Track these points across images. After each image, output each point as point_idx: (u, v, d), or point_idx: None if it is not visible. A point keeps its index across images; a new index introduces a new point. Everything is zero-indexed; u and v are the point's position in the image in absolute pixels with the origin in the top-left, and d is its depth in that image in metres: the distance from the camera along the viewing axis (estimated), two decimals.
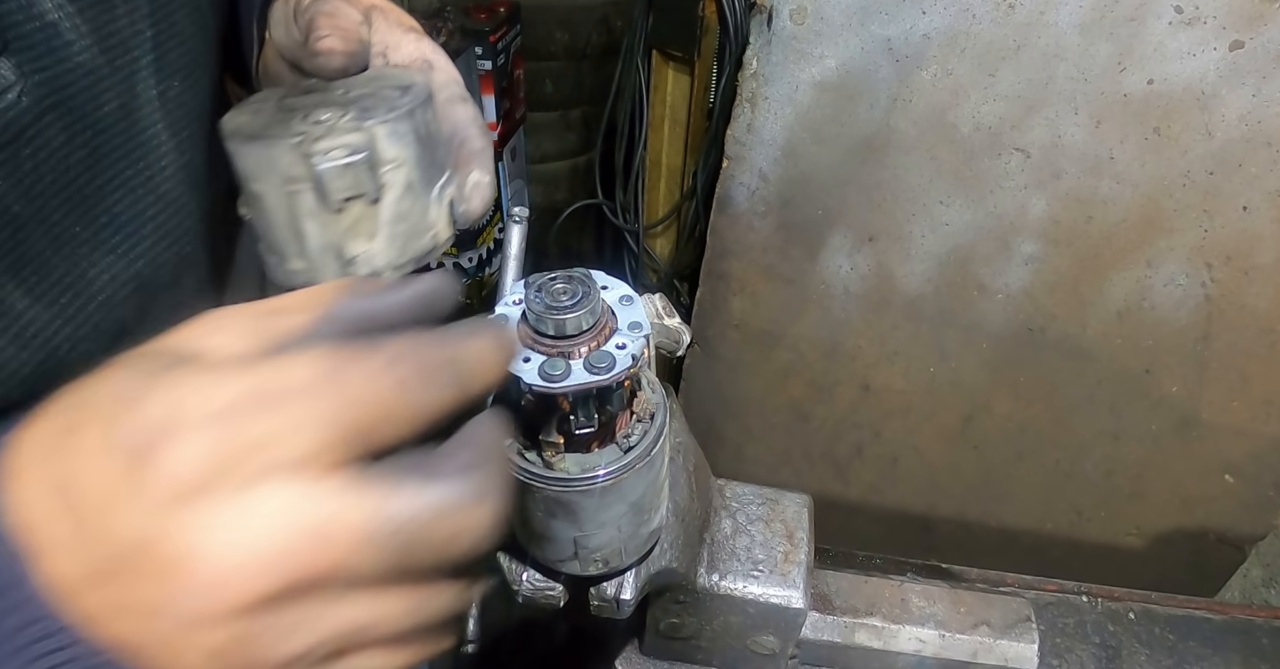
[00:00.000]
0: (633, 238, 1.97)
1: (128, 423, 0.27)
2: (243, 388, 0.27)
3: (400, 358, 0.29)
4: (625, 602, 0.57)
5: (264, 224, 0.47)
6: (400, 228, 0.47)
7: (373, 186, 0.44)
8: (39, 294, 0.46)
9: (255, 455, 0.27)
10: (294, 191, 0.44)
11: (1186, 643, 0.96)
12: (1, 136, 0.41)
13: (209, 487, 0.27)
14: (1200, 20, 1.23)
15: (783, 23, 1.36)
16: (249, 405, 0.27)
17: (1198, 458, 1.58)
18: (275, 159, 0.43)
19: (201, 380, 0.28)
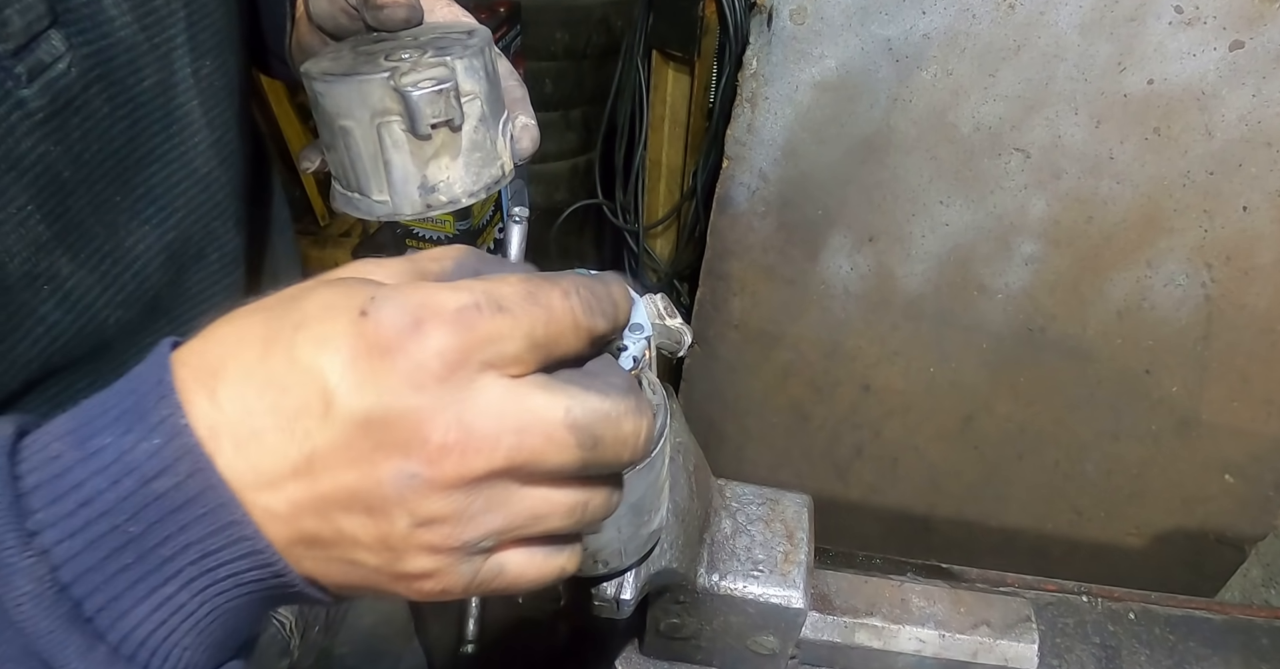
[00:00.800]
0: (633, 238, 1.97)
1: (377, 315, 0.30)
2: (471, 297, 0.31)
3: (575, 289, 0.33)
4: (625, 602, 0.57)
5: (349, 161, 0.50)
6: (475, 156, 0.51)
7: (458, 113, 0.47)
8: (82, 260, 0.48)
9: (483, 351, 0.31)
10: (384, 123, 0.47)
11: (1186, 643, 0.96)
12: (53, 104, 0.44)
13: (451, 372, 0.30)
14: (1200, 20, 1.23)
15: (783, 23, 1.36)
16: (479, 310, 0.31)
17: (1198, 458, 1.59)
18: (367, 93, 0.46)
19: (435, 289, 0.31)
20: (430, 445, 0.30)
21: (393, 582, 0.34)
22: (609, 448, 0.34)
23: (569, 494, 0.34)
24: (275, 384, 0.30)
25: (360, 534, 0.32)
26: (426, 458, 0.30)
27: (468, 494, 0.31)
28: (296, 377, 0.30)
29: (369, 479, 0.30)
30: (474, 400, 0.31)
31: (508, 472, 0.32)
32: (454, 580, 0.34)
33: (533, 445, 0.32)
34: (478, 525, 0.32)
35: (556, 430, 0.32)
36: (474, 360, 0.31)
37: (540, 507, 0.34)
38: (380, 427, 0.30)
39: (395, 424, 0.30)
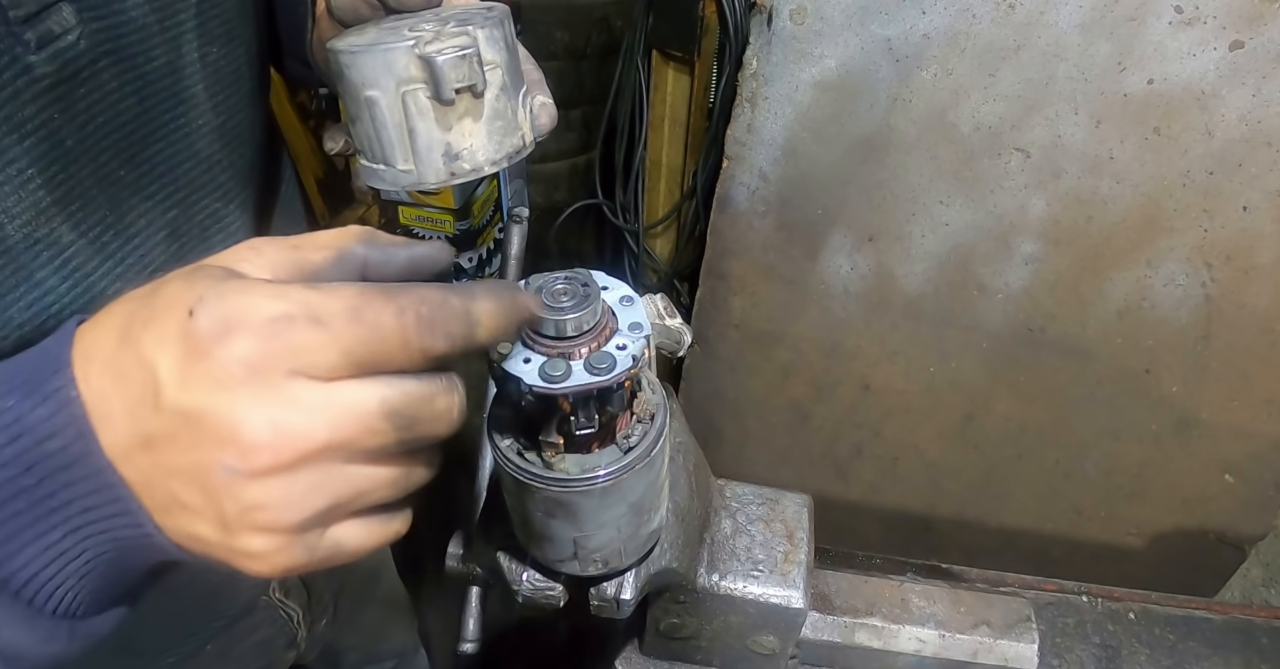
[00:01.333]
0: (633, 238, 1.97)
1: (197, 319, 0.33)
2: (288, 306, 0.33)
3: (410, 306, 0.34)
4: (625, 602, 0.57)
5: (374, 131, 0.51)
6: (497, 125, 0.52)
7: (480, 79, 0.49)
8: (84, 230, 0.50)
9: (291, 360, 0.33)
10: (409, 91, 0.48)
11: (1186, 643, 0.96)
12: (60, 73, 0.46)
13: (254, 376, 0.33)
14: (1200, 20, 1.23)
15: (783, 23, 1.36)
16: (290, 322, 0.33)
17: (1198, 458, 1.58)
18: (392, 61, 0.47)
19: (258, 294, 0.34)
20: (242, 442, 0.33)
21: (236, 557, 0.36)
22: (425, 425, 0.36)
23: (389, 470, 0.37)
24: (123, 373, 0.34)
25: (199, 508, 0.34)
26: (239, 453, 0.33)
27: (286, 482, 0.34)
28: (137, 369, 0.34)
29: (198, 465, 0.33)
30: (285, 400, 0.33)
31: (325, 458, 0.34)
32: (293, 558, 0.36)
33: (347, 435, 0.34)
34: (302, 507, 0.35)
35: (373, 420, 0.34)
36: (279, 367, 0.33)
37: (363, 483, 0.36)
38: (198, 421, 0.33)
39: (210, 420, 0.33)
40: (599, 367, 0.43)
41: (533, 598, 0.57)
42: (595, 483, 0.47)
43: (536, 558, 0.56)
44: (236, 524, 0.34)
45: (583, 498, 0.48)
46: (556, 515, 0.49)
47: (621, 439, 0.49)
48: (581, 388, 0.42)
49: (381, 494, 0.37)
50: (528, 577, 0.57)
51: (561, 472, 0.47)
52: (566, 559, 0.53)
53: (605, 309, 0.45)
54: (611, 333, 0.45)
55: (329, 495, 0.35)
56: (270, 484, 0.34)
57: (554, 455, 0.47)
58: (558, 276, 0.45)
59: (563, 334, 0.43)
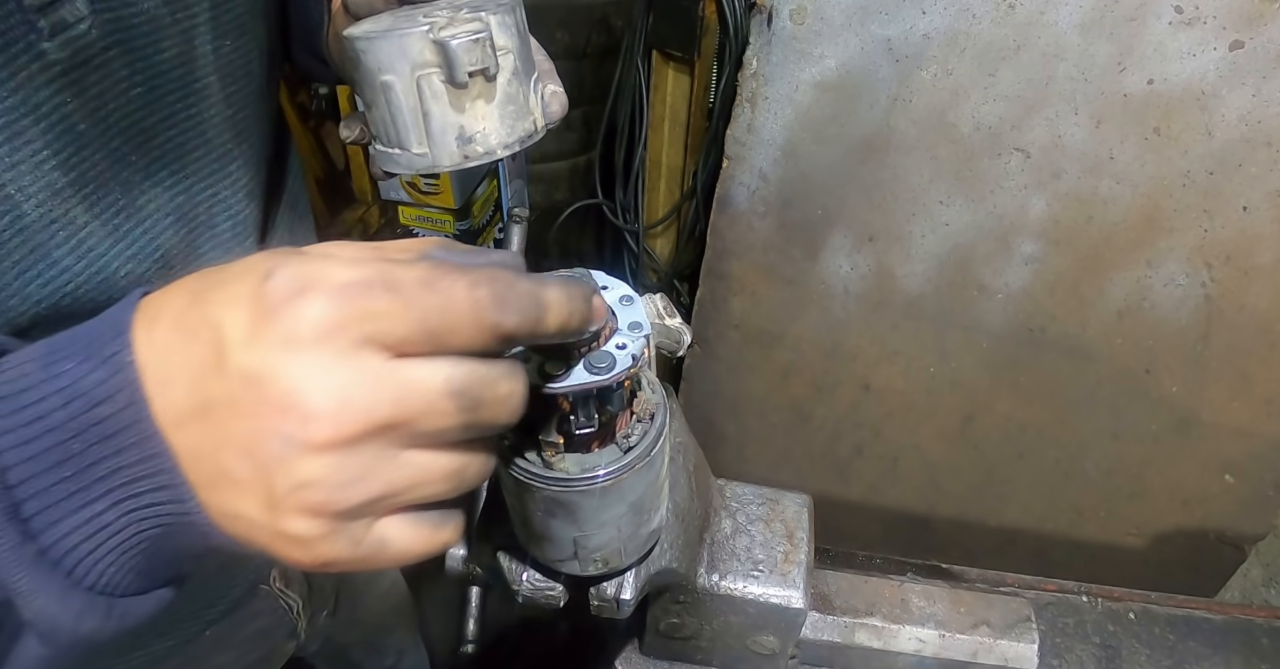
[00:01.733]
0: (633, 238, 1.97)
1: (272, 280, 0.32)
2: (362, 274, 0.33)
3: (483, 281, 0.34)
4: (625, 602, 0.57)
5: (389, 116, 0.52)
6: (509, 109, 0.53)
7: (493, 62, 0.49)
8: (97, 212, 0.52)
9: (363, 325, 0.32)
10: (424, 75, 0.49)
11: (1186, 643, 0.96)
12: (73, 60, 0.48)
13: (324, 340, 0.32)
14: (1200, 20, 1.23)
15: (783, 23, 1.36)
16: (367, 287, 0.32)
17: (1198, 458, 1.59)
18: (407, 46, 0.48)
19: (332, 263, 0.33)
20: (303, 410, 0.32)
21: (276, 541, 0.34)
22: (488, 409, 0.35)
23: (449, 459, 0.35)
24: (189, 333, 0.33)
25: (247, 483, 0.33)
26: (300, 421, 0.32)
27: (342, 459, 0.32)
28: (204, 329, 0.33)
29: (254, 432, 0.32)
30: (353, 371, 0.32)
31: (384, 438, 0.33)
32: (335, 549, 0.34)
33: (411, 412, 0.33)
34: (355, 490, 0.33)
35: (438, 398, 0.33)
36: (351, 332, 0.32)
37: (419, 473, 0.35)
38: (260, 384, 0.32)
39: (273, 385, 0.32)
40: (599, 366, 0.43)
41: (533, 598, 0.57)
42: (595, 482, 0.47)
43: (536, 558, 0.56)
44: (284, 503, 0.33)
45: (583, 498, 0.48)
46: (556, 515, 0.49)
47: (621, 439, 0.49)
48: (581, 387, 0.42)
49: (436, 488, 0.36)
50: (528, 577, 0.57)
51: (561, 471, 0.47)
52: (566, 559, 0.53)
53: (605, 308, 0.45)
54: (611, 332, 0.45)
55: (383, 480, 0.34)
56: (326, 460, 0.32)
57: (554, 455, 0.47)
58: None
59: None
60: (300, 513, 0.33)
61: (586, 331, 0.41)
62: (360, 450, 0.33)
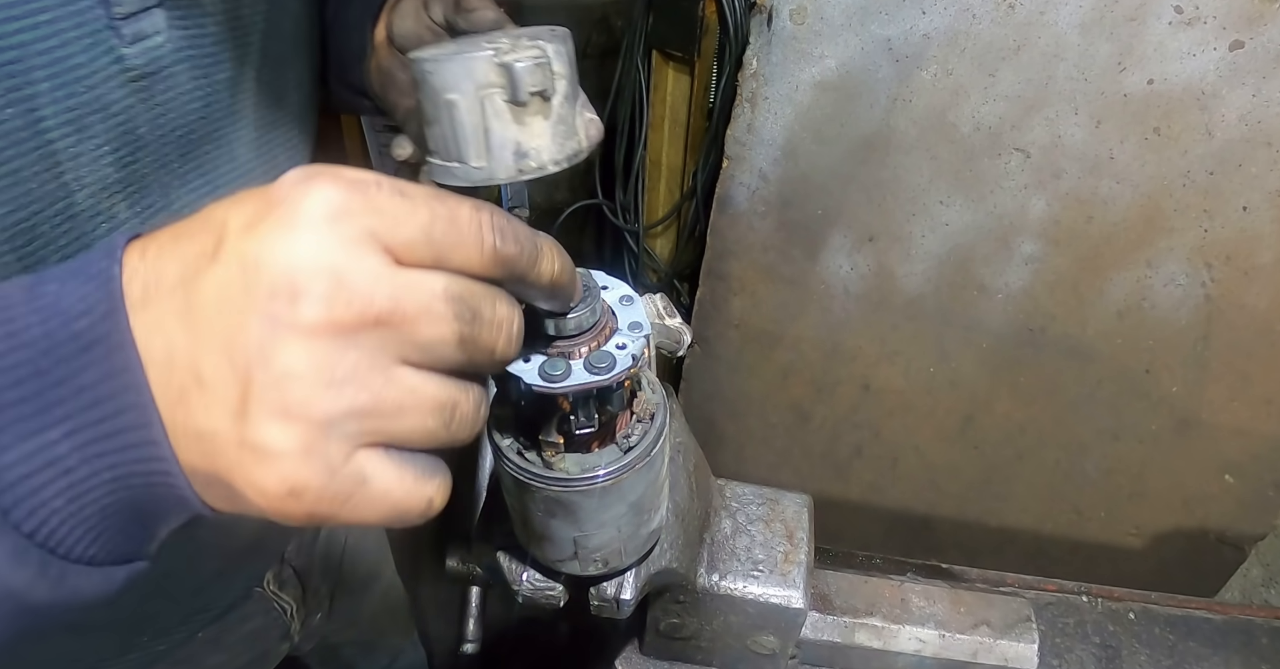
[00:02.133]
0: (633, 238, 1.97)
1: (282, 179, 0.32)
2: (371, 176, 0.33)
3: (487, 209, 0.34)
4: (625, 602, 0.57)
5: (451, 132, 0.57)
6: (560, 129, 0.57)
7: (550, 85, 0.54)
8: (137, 210, 0.55)
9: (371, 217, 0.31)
10: (487, 95, 0.53)
11: (1186, 643, 0.96)
12: (146, 68, 0.52)
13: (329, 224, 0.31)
14: (1200, 20, 1.23)
15: (783, 23, 1.36)
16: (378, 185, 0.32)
17: (1198, 458, 1.58)
18: (474, 68, 0.53)
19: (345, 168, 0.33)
20: (294, 286, 0.30)
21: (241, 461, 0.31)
22: (485, 328, 0.34)
23: (440, 386, 0.33)
24: (188, 235, 0.33)
25: (219, 385, 0.31)
26: (289, 299, 0.30)
27: (330, 350, 0.30)
28: (205, 226, 0.32)
29: (237, 323, 0.30)
30: (353, 258, 0.31)
31: (378, 336, 0.31)
32: (307, 471, 0.31)
33: (408, 311, 0.31)
34: (340, 394, 0.31)
35: (435, 301, 0.32)
36: (357, 222, 0.31)
37: (408, 396, 0.32)
38: (257, 267, 0.30)
39: (268, 265, 0.30)
40: (599, 366, 0.43)
41: (533, 598, 0.57)
42: (595, 482, 0.47)
43: (536, 558, 0.56)
44: (259, 402, 0.30)
45: (583, 497, 0.48)
46: (556, 515, 0.49)
47: (621, 439, 0.49)
48: (581, 387, 0.42)
49: (424, 421, 0.33)
50: (528, 577, 0.57)
51: (561, 471, 0.47)
52: (566, 559, 0.53)
53: (605, 308, 0.46)
54: (611, 332, 0.45)
55: (371, 391, 0.31)
56: (312, 347, 0.30)
57: (554, 455, 0.47)
58: None
59: (562, 333, 0.43)
60: (275, 414, 0.30)
61: (568, 305, 0.42)
62: (351, 346, 0.31)
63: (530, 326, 0.44)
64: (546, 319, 0.43)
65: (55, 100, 0.47)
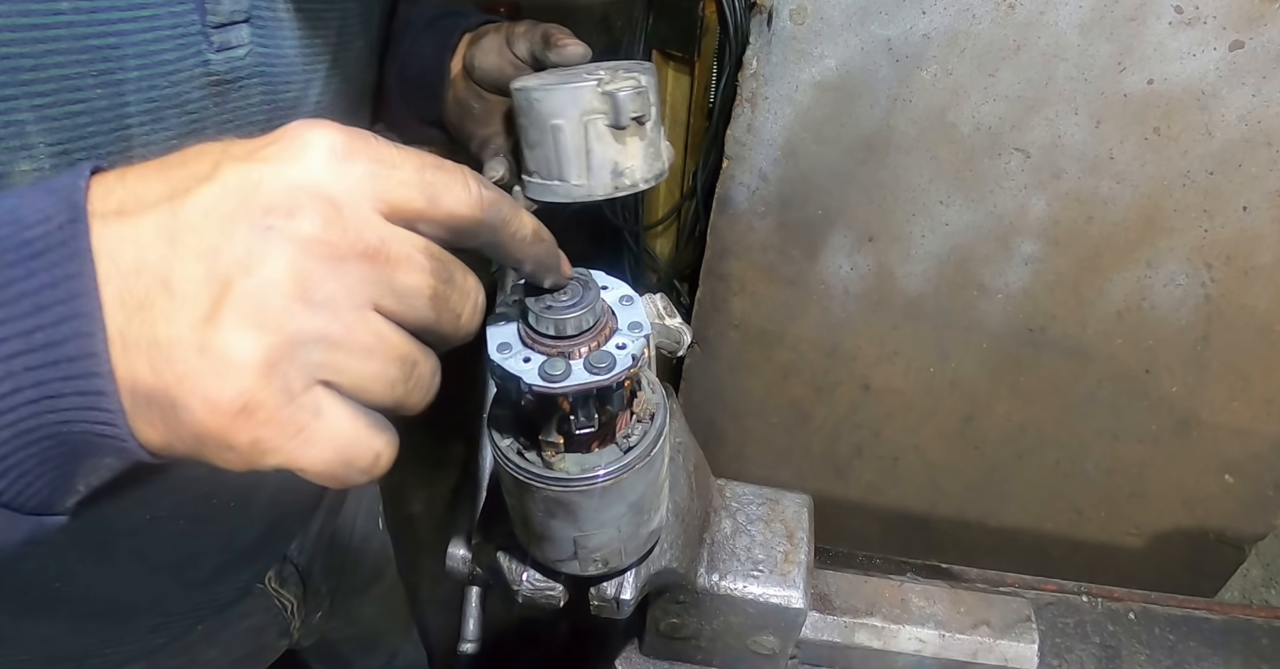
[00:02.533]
0: (632, 237, 1.97)
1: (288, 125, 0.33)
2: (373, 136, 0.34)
3: (470, 171, 0.36)
4: (625, 602, 0.57)
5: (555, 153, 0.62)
6: (650, 150, 0.63)
7: (647, 111, 0.60)
8: None
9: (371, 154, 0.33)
10: (590, 120, 0.59)
11: (1186, 643, 0.96)
12: (226, 75, 0.56)
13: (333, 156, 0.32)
14: (1200, 20, 1.23)
15: (783, 23, 1.36)
16: (374, 139, 0.34)
17: (1198, 458, 1.58)
18: (579, 96, 0.58)
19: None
20: (294, 203, 0.30)
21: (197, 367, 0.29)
22: (456, 291, 0.35)
23: (405, 340, 0.34)
24: (178, 162, 0.32)
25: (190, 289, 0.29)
26: (287, 212, 0.30)
27: (317, 269, 0.30)
28: (199, 156, 0.32)
29: (223, 232, 0.30)
30: (352, 196, 0.32)
31: (362, 268, 0.31)
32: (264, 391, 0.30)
33: (394, 253, 0.32)
34: (314, 315, 0.30)
35: (417, 252, 0.33)
36: (360, 163, 0.32)
37: (376, 339, 0.32)
38: (258, 185, 0.31)
39: (272, 184, 0.31)
40: (599, 366, 0.43)
41: (533, 598, 0.57)
42: (595, 482, 0.47)
43: (536, 558, 0.56)
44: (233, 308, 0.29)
45: (583, 497, 0.48)
46: (556, 515, 0.49)
47: (621, 439, 0.49)
48: (581, 387, 0.42)
49: (385, 369, 0.32)
50: (528, 577, 0.57)
51: (561, 471, 0.47)
52: (566, 559, 0.53)
53: (605, 308, 0.45)
54: (611, 332, 0.45)
55: (342, 324, 0.31)
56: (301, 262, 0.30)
57: (554, 455, 0.47)
58: None
59: (562, 333, 0.43)
60: (247, 321, 0.29)
61: (555, 272, 0.42)
62: (336, 272, 0.31)
63: (531, 327, 0.44)
64: (546, 319, 0.43)
65: (140, 89, 0.50)
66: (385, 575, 1.22)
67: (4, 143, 0.46)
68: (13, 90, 0.45)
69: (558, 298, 0.44)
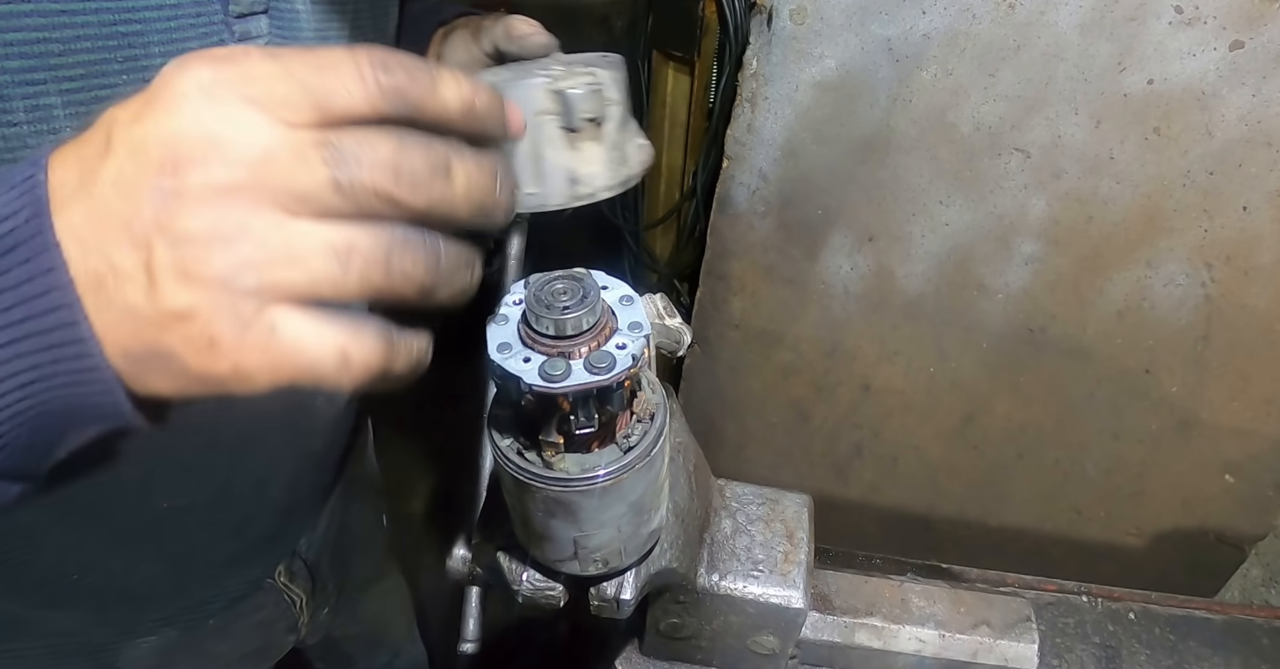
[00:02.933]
0: (632, 238, 1.97)
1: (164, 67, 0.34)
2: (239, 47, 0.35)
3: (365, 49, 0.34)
4: (625, 602, 0.57)
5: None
6: (614, 154, 0.57)
7: (604, 112, 0.54)
8: None
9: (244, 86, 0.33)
10: (541, 121, 0.53)
11: (1186, 643, 0.96)
12: None
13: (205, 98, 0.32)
14: (1200, 20, 1.23)
15: (783, 23, 1.36)
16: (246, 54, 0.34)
17: (1198, 458, 1.58)
18: (529, 94, 0.53)
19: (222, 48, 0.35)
20: (179, 156, 0.32)
21: (164, 330, 0.33)
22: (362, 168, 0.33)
23: (332, 232, 0.34)
24: (86, 138, 0.34)
25: (127, 265, 0.32)
26: (174, 168, 0.32)
27: (217, 209, 0.32)
28: (98, 127, 0.34)
29: (131, 202, 0.32)
30: (228, 124, 0.32)
31: (257, 188, 0.32)
32: (221, 325, 0.33)
33: (280, 161, 0.32)
34: (230, 249, 0.32)
35: (305, 147, 0.33)
36: (231, 90, 0.32)
37: (297, 243, 0.33)
38: (143, 149, 0.32)
39: (154, 145, 0.32)
40: (599, 366, 0.43)
41: (533, 598, 0.57)
42: (595, 482, 0.47)
43: (536, 558, 0.56)
44: (162, 268, 0.32)
45: (583, 497, 0.48)
46: (556, 515, 0.49)
47: (621, 439, 0.49)
48: (581, 387, 0.42)
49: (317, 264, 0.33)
50: (528, 577, 0.57)
51: (561, 471, 0.47)
52: (566, 559, 0.53)
53: (605, 308, 0.46)
54: (611, 332, 0.45)
55: (259, 243, 0.32)
56: (201, 211, 0.32)
57: (554, 455, 0.47)
58: (557, 276, 0.45)
59: (562, 333, 0.43)
60: (179, 279, 0.32)
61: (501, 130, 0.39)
62: (235, 203, 0.32)
63: (531, 326, 0.44)
64: (546, 319, 0.43)
65: None
66: (389, 573, 1.23)
67: (32, 126, 0.47)
68: (42, 74, 0.46)
69: (558, 298, 0.44)
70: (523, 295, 0.45)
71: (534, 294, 0.44)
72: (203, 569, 0.78)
